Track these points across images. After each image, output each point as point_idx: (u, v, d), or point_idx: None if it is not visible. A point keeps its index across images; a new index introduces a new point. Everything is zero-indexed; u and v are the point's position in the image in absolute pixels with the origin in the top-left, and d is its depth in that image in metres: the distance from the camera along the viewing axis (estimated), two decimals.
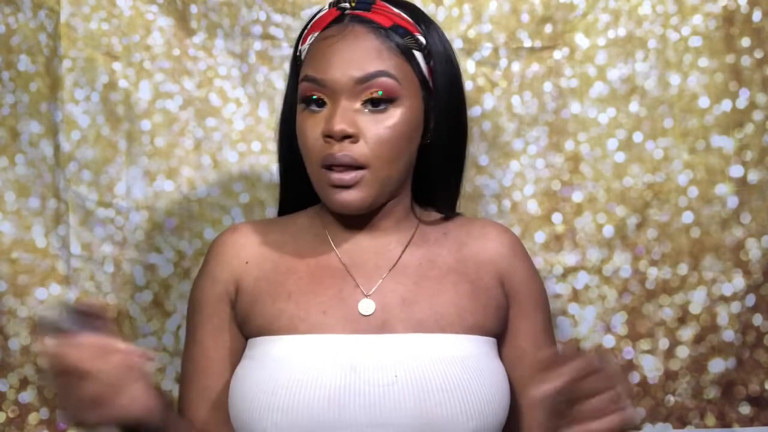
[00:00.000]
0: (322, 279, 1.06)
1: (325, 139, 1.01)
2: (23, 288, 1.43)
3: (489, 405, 0.99)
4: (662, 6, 1.48)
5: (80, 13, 1.45)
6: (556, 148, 1.49)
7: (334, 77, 1.01)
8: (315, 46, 1.05)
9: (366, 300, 1.05)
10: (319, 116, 1.02)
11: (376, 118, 1.01)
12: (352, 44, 1.02)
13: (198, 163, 1.47)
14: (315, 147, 1.02)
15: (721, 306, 1.46)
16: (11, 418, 1.42)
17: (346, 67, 1.01)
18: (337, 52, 1.02)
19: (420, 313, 1.04)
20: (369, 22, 1.04)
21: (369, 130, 1.01)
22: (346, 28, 1.04)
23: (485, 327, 1.07)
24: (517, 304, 1.11)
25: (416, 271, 1.08)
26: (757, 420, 1.46)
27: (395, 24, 1.05)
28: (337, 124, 0.99)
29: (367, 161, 1.01)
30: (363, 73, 1.01)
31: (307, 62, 1.05)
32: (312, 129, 1.03)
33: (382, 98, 1.01)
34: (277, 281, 1.07)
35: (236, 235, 1.12)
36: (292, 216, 1.16)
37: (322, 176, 1.03)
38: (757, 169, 1.47)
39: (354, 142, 1.00)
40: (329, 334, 1.02)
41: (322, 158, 1.01)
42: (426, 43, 1.07)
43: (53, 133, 1.45)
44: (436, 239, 1.11)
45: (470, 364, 1.01)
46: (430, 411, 0.96)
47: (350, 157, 1.00)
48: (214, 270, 1.11)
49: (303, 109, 1.04)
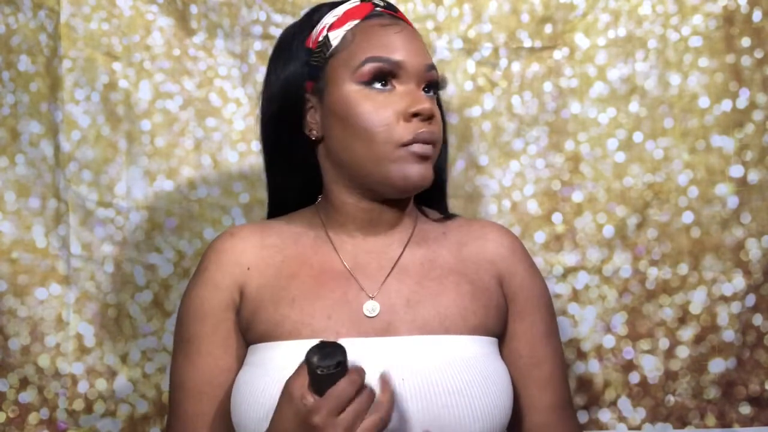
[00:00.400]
0: (325, 283, 1.06)
1: (409, 118, 1.03)
2: (23, 288, 1.43)
3: (495, 406, 0.99)
4: (662, 6, 1.48)
5: (80, 13, 1.45)
6: (556, 148, 1.49)
7: (410, 60, 1.05)
8: (372, 31, 1.06)
9: (371, 302, 1.04)
10: (392, 94, 1.04)
11: (435, 104, 1.07)
12: (414, 35, 1.08)
13: (198, 163, 1.47)
14: (387, 125, 1.03)
15: (722, 306, 1.46)
16: (11, 418, 1.42)
17: (420, 53, 1.06)
18: (407, 38, 1.06)
19: (424, 314, 1.03)
20: (405, 22, 1.11)
21: (437, 112, 1.07)
22: (396, 21, 1.08)
23: (487, 327, 1.06)
24: (515, 305, 1.11)
25: (418, 270, 1.07)
26: (757, 420, 1.46)
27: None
28: (428, 103, 1.04)
29: (436, 141, 1.06)
30: (430, 62, 1.07)
31: (365, 46, 1.05)
32: (385, 109, 1.03)
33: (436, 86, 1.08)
34: (279, 286, 1.06)
35: (234, 240, 1.10)
36: (287, 217, 1.14)
37: (400, 152, 1.03)
38: (757, 169, 1.47)
39: (431, 123, 1.04)
40: (334, 338, 1.01)
41: (408, 137, 1.02)
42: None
43: (53, 133, 1.45)
44: (435, 239, 1.11)
45: (476, 366, 1.00)
46: (438, 414, 0.96)
47: (431, 134, 1.04)
48: (215, 277, 1.08)
49: (367, 93, 1.04)
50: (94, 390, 1.43)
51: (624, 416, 1.46)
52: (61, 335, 1.43)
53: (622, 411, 1.46)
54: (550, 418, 1.09)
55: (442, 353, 1.00)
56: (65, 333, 1.43)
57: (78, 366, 1.43)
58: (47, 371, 1.42)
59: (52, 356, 1.43)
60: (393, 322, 1.03)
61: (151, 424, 1.44)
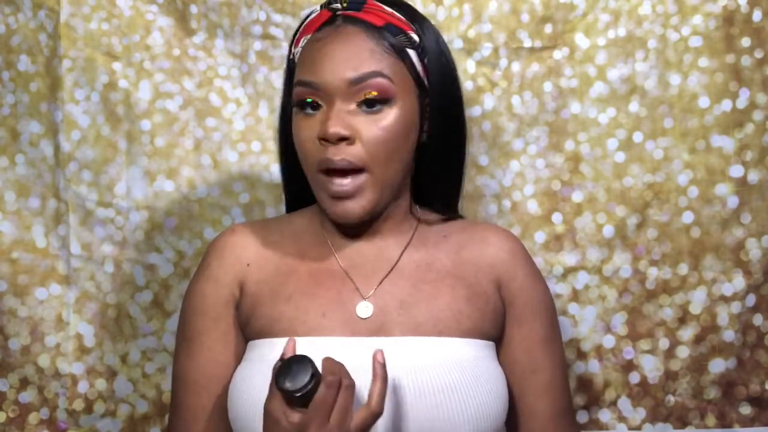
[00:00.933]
0: (321, 281, 1.06)
1: (321, 142, 1.00)
2: (23, 288, 1.43)
3: (487, 408, 0.99)
4: (662, 6, 1.48)
5: (80, 13, 1.45)
6: (556, 148, 1.49)
7: (327, 80, 1.00)
8: (307, 49, 1.04)
9: (364, 303, 1.04)
10: (314, 119, 1.01)
11: (372, 119, 1.00)
12: (344, 45, 1.01)
13: (198, 163, 1.47)
14: (311, 150, 1.01)
15: (722, 306, 1.46)
16: (11, 418, 1.42)
17: (339, 69, 1.00)
18: (328, 54, 1.01)
19: (418, 316, 1.03)
20: (361, 22, 1.03)
21: (365, 131, 1.00)
22: (338, 29, 1.03)
23: (483, 331, 1.06)
24: (513, 310, 1.10)
25: (414, 273, 1.07)
26: (757, 420, 1.46)
27: (388, 23, 1.04)
28: (332, 127, 0.98)
29: (364, 163, 1.00)
30: (356, 74, 0.99)
31: (300, 66, 1.04)
32: (307, 132, 1.02)
33: (377, 99, 1.00)
34: (278, 283, 1.07)
35: (235, 237, 1.11)
36: (288, 216, 1.16)
37: (320, 182, 1.02)
38: (757, 169, 1.47)
39: (350, 144, 0.99)
40: (327, 336, 1.02)
41: (318, 162, 1.00)
42: (420, 41, 1.05)
43: (53, 133, 1.45)
44: (435, 242, 1.11)
45: (468, 368, 1.00)
46: (429, 413, 0.96)
47: (347, 161, 0.99)
48: (216, 272, 1.09)
49: (297, 113, 1.03)
50: (94, 390, 1.43)
51: (624, 416, 1.46)
52: (61, 335, 1.43)
53: (622, 411, 1.46)
54: (547, 426, 1.09)
55: (433, 354, 1.00)
56: (65, 333, 1.43)
57: (78, 366, 1.43)
58: (47, 371, 1.42)
59: (52, 356, 1.43)
60: (386, 323, 1.03)
61: (151, 424, 1.44)
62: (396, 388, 0.96)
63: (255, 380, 0.99)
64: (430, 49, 1.06)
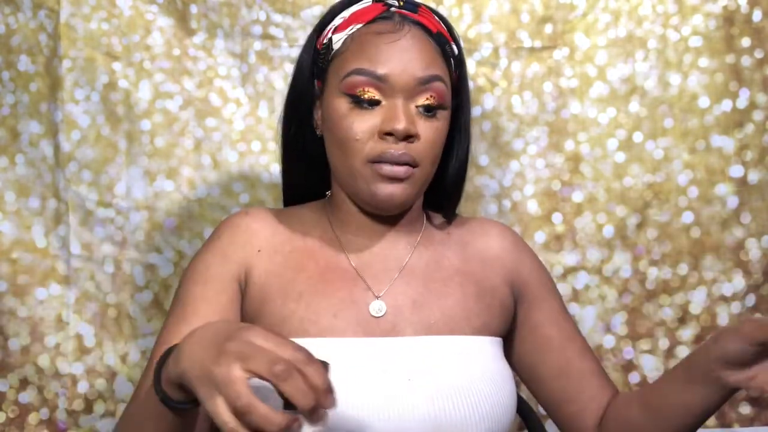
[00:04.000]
0: (332, 281, 1.05)
1: (383, 136, 0.99)
2: (23, 288, 1.43)
3: (500, 406, 0.99)
4: (662, 6, 1.48)
5: (80, 13, 1.45)
6: (556, 148, 1.49)
7: (395, 73, 0.99)
8: (365, 38, 1.01)
9: (377, 301, 1.03)
10: (371, 113, 1.00)
11: (429, 123, 1.01)
12: (412, 44, 1.00)
13: (198, 163, 1.47)
14: (364, 143, 1.00)
15: (721, 306, 1.46)
16: (11, 418, 1.42)
17: (408, 66, 0.99)
18: (397, 49, 0.99)
19: (430, 315, 1.03)
20: (420, 24, 1.02)
21: (424, 133, 1.00)
22: (402, 26, 1.01)
23: (491, 327, 1.07)
24: (531, 294, 1.12)
25: (424, 272, 1.07)
26: (757, 420, 1.46)
27: (439, 30, 1.04)
28: (404, 123, 0.98)
29: (420, 161, 1.00)
30: (426, 74, 0.99)
31: (358, 54, 1.01)
32: (363, 126, 1.00)
33: (435, 105, 1.00)
34: (287, 278, 1.04)
35: (248, 219, 1.08)
36: (298, 209, 1.13)
37: (367, 170, 1.00)
38: (757, 169, 1.47)
39: (412, 143, 1.00)
40: (340, 338, 1.01)
41: (376, 155, 0.99)
42: (457, 52, 1.07)
43: (53, 133, 1.45)
44: (441, 240, 1.11)
45: (481, 366, 1.01)
46: (444, 412, 0.96)
47: (409, 155, 0.99)
48: (226, 248, 1.05)
49: (350, 106, 1.01)
50: (94, 390, 1.43)
51: None
52: (61, 335, 1.43)
53: None
54: (600, 380, 1.10)
55: (447, 353, 1.00)
56: (65, 333, 1.43)
57: (78, 366, 1.43)
58: (47, 371, 1.42)
59: (52, 356, 1.43)
60: (399, 323, 1.02)
61: None
62: (411, 389, 0.96)
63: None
64: (461, 61, 1.08)
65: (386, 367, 0.97)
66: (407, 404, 0.95)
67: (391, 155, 0.98)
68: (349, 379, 0.96)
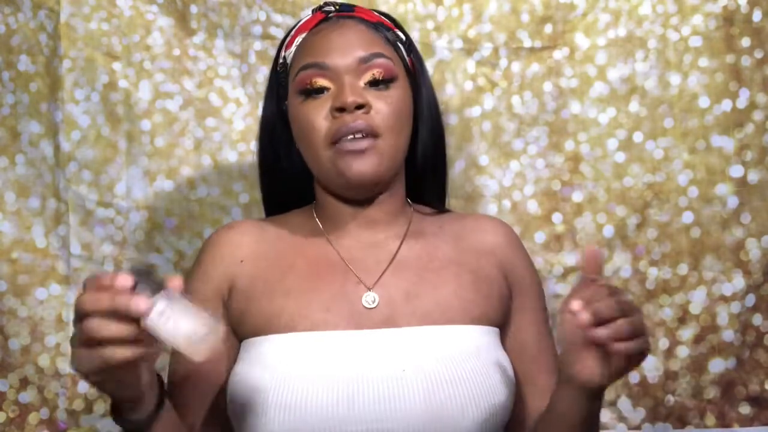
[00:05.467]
0: (322, 275, 1.06)
1: (335, 114, 1.03)
2: (23, 288, 1.43)
3: (497, 396, 0.99)
4: (662, 6, 1.48)
5: (80, 13, 1.45)
6: (556, 148, 1.49)
7: (337, 59, 1.05)
8: (308, 40, 1.09)
9: (370, 293, 1.04)
10: (321, 100, 1.05)
11: (380, 95, 1.05)
12: (348, 31, 1.07)
13: (198, 163, 1.47)
14: (322, 127, 1.04)
15: (721, 306, 1.46)
16: (11, 418, 1.42)
17: (348, 49, 1.05)
18: (335, 38, 1.07)
19: (425, 305, 1.04)
20: (358, 18, 1.10)
21: (376, 104, 1.05)
22: (338, 22, 1.09)
23: (489, 317, 1.07)
24: (519, 296, 1.12)
25: (416, 263, 1.08)
26: (757, 420, 1.46)
27: (379, 21, 1.12)
28: (350, 96, 1.02)
29: (379, 129, 1.04)
30: (365, 53, 1.05)
31: (301, 55, 1.08)
32: (316, 112, 1.05)
33: (383, 79, 1.05)
34: (274, 278, 1.06)
35: (232, 233, 1.11)
36: (284, 215, 1.16)
37: (331, 152, 1.04)
38: (757, 169, 1.47)
39: (366, 113, 1.03)
40: (333, 330, 1.01)
41: (333, 134, 1.03)
42: (406, 38, 1.14)
43: (53, 133, 1.45)
44: (432, 232, 1.12)
45: (477, 356, 1.01)
46: (440, 403, 0.96)
47: (365, 123, 1.03)
48: (207, 268, 1.10)
49: (303, 100, 1.06)
50: (94, 390, 1.43)
51: (624, 416, 1.46)
52: (61, 335, 1.43)
53: (622, 411, 1.46)
54: None
55: (443, 344, 1.01)
56: (65, 333, 1.43)
57: None
58: (47, 371, 1.42)
59: (52, 356, 1.43)
60: (392, 314, 1.03)
61: None
62: (408, 380, 0.96)
63: (257, 376, 0.98)
64: (414, 48, 1.15)
65: (380, 358, 0.97)
66: (402, 395, 0.95)
67: (348, 127, 1.02)
68: (343, 372, 0.96)
